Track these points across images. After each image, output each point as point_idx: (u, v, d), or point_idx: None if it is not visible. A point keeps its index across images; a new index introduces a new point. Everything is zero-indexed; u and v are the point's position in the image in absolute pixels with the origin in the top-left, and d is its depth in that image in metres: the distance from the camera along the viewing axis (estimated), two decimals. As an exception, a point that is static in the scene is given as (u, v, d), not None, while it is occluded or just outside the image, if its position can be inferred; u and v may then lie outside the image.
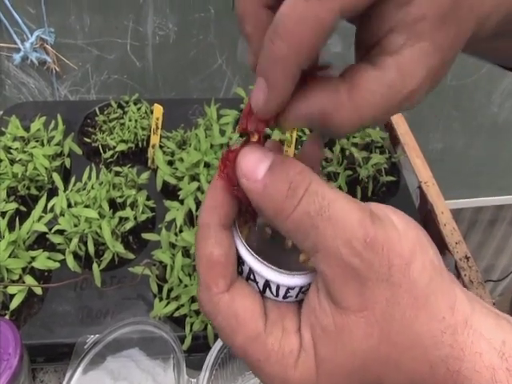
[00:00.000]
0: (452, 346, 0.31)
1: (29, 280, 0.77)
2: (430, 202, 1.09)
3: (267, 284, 0.35)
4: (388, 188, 1.04)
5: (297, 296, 0.36)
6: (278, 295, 0.36)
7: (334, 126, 0.34)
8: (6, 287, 0.74)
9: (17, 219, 0.81)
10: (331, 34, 0.31)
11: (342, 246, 0.31)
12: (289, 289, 0.35)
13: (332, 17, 0.30)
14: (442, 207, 1.09)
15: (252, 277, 0.36)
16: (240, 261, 0.36)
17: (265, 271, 0.35)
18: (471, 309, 0.33)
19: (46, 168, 0.91)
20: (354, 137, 1.07)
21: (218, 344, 0.72)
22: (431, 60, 0.34)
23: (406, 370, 0.32)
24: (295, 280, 0.35)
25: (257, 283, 0.36)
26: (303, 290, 0.36)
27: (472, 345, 0.31)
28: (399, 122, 1.26)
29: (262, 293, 0.36)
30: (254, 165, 0.33)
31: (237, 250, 0.36)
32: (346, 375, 0.33)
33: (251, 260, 0.35)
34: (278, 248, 0.38)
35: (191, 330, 0.76)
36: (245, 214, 0.37)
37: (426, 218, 1.07)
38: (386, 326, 0.32)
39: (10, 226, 0.81)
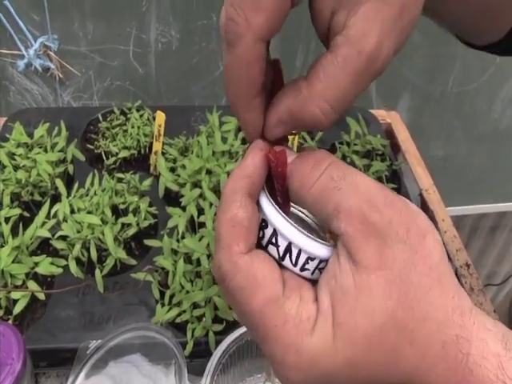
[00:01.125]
0: (462, 327, 0.32)
1: (32, 285, 0.77)
2: (431, 210, 1.10)
3: (288, 248, 0.36)
4: (389, 195, 1.05)
5: (313, 272, 0.36)
6: (296, 264, 0.36)
7: (308, 120, 0.36)
8: (9, 292, 0.75)
9: (20, 225, 0.82)
10: (264, 55, 0.34)
11: (363, 203, 0.33)
12: (309, 258, 0.36)
13: (251, 51, 0.33)
14: (443, 215, 1.10)
15: (274, 240, 0.36)
16: (263, 224, 0.36)
17: (290, 231, 0.35)
18: (472, 304, 0.34)
19: (49, 174, 0.91)
20: (355, 144, 1.07)
21: (220, 350, 0.72)
22: (381, 13, 0.33)
23: (420, 345, 0.32)
24: (317, 248, 0.35)
25: (278, 247, 0.36)
26: (320, 267, 0.36)
27: (478, 332, 0.32)
28: (400, 129, 1.26)
29: (281, 259, 0.36)
30: (285, 153, 0.37)
31: (263, 211, 0.37)
32: (363, 341, 0.32)
33: (278, 218, 0.36)
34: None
35: (193, 336, 0.77)
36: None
37: (426, 225, 1.07)
38: (403, 288, 0.32)
39: (14, 232, 0.81)
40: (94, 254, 0.82)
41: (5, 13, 1.16)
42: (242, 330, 0.72)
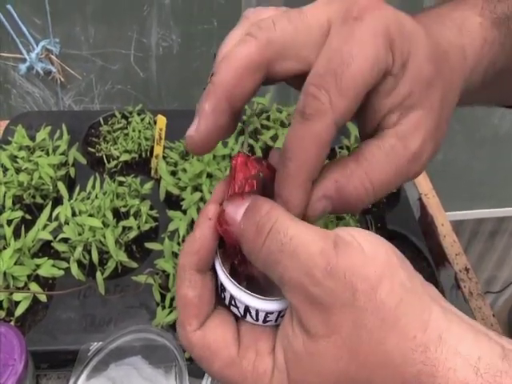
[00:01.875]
0: (424, 362, 0.32)
1: (34, 287, 0.78)
2: (431, 214, 1.10)
3: (247, 309, 0.38)
4: (388, 200, 1.05)
5: (276, 320, 0.38)
6: (257, 319, 0.38)
7: (349, 196, 0.37)
8: (11, 294, 0.75)
9: (22, 227, 0.83)
10: (330, 145, 0.36)
11: (303, 276, 0.33)
12: (267, 313, 0.38)
13: (328, 130, 0.35)
14: (443, 219, 1.10)
15: (233, 302, 0.38)
16: (222, 288, 0.39)
17: (244, 297, 0.37)
18: (448, 325, 0.33)
19: (50, 177, 0.92)
20: (354, 149, 1.08)
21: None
22: (426, 122, 0.38)
23: None
24: (273, 305, 0.37)
25: (238, 308, 0.38)
26: (282, 315, 0.38)
27: (446, 361, 0.32)
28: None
29: (243, 317, 0.39)
30: (234, 212, 0.37)
31: (219, 278, 0.39)
32: None
33: (231, 287, 0.38)
34: (262, 277, 0.40)
35: (193, 339, 0.77)
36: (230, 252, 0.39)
37: (426, 229, 1.08)
38: (354, 348, 0.33)
39: (16, 234, 0.82)
40: (95, 257, 0.83)
41: (7, 17, 1.16)
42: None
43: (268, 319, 0.38)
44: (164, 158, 1.01)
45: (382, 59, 0.35)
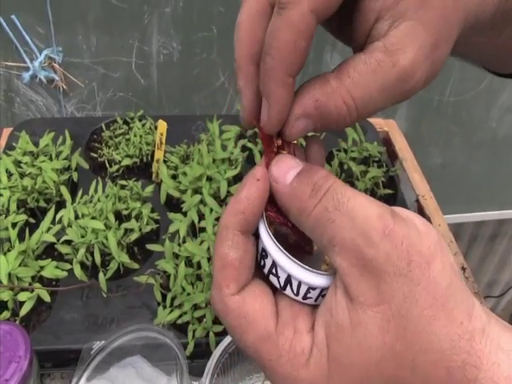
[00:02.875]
0: (469, 352, 0.31)
1: (38, 288, 0.80)
2: (428, 215, 1.12)
3: (288, 280, 0.36)
4: (386, 201, 1.05)
5: (316, 299, 0.36)
6: (298, 294, 0.36)
7: (330, 114, 0.35)
8: (16, 295, 0.77)
9: (27, 230, 0.85)
10: (312, 35, 0.34)
11: (358, 236, 0.32)
12: (310, 288, 0.35)
13: (304, 19, 0.33)
14: (440, 220, 1.12)
15: (274, 271, 0.36)
16: (263, 253, 0.36)
17: (288, 265, 0.35)
18: (488, 319, 0.33)
19: (54, 181, 0.94)
20: (352, 151, 1.10)
21: (219, 350, 0.74)
22: (420, 38, 0.35)
23: (422, 374, 0.32)
24: (318, 279, 0.35)
25: (278, 278, 0.36)
26: (323, 294, 0.35)
27: (490, 355, 0.31)
28: (397, 137, 1.29)
29: (283, 289, 0.36)
30: (285, 171, 0.36)
31: (262, 241, 0.36)
32: (360, 375, 0.32)
33: (276, 252, 0.35)
34: (299, 257, 0.36)
35: (193, 337, 0.79)
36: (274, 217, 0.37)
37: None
38: (402, 323, 0.31)
39: (20, 237, 0.84)
40: (97, 258, 0.85)
41: (11, 26, 1.19)
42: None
43: (309, 295, 0.36)
44: (165, 162, 1.03)
45: None
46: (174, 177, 1.01)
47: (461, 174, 1.82)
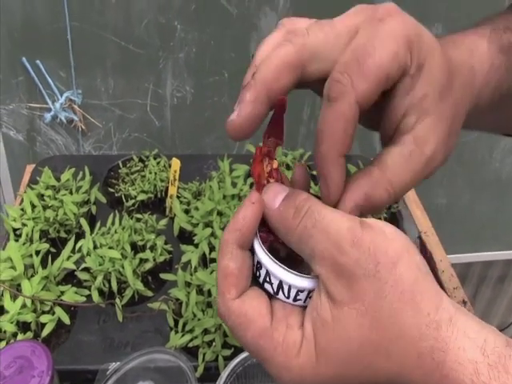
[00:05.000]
0: (437, 339, 0.35)
1: (58, 311, 0.85)
2: (429, 251, 1.16)
3: (280, 285, 0.41)
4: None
5: (305, 300, 0.41)
6: (289, 297, 0.41)
7: (376, 202, 0.42)
8: (38, 317, 0.82)
9: (49, 258, 0.90)
10: (357, 122, 0.40)
11: (331, 247, 0.37)
12: (299, 291, 0.41)
13: (351, 109, 0.39)
14: (441, 255, 1.16)
15: (268, 279, 0.42)
16: (258, 265, 0.42)
17: (279, 272, 0.41)
18: (455, 311, 0.37)
19: (74, 214, 1.00)
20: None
21: (226, 371, 0.78)
22: (439, 129, 0.42)
23: (396, 359, 0.37)
24: (305, 282, 0.40)
25: (271, 285, 0.42)
26: (310, 296, 0.41)
27: (456, 340, 0.35)
28: (399, 176, 1.33)
29: (276, 294, 0.42)
30: (273, 197, 0.42)
31: (257, 255, 0.42)
32: (342, 362, 0.38)
33: (268, 261, 0.41)
34: (291, 266, 0.42)
35: (203, 360, 0.83)
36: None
37: (424, 265, 1.13)
38: (375, 316, 0.36)
39: (43, 264, 0.89)
40: (114, 285, 0.90)
41: (36, 71, 1.26)
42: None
43: (298, 298, 0.41)
44: (178, 197, 1.08)
45: (401, 55, 0.40)
46: (187, 211, 1.06)
47: (466, 213, 1.84)
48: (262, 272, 0.42)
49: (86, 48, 1.27)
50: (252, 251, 0.43)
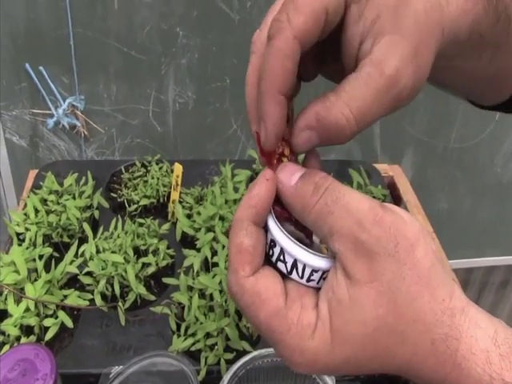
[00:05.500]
0: (451, 326, 0.36)
1: (61, 314, 0.85)
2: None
3: (295, 264, 0.40)
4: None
5: (318, 281, 0.41)
6: (302, 277, 0.41)
7: (331, 126, 0.39)
8: (42, 320, 0.83)
9: (52, 262, 0.91)
10: (297, 58, 0.39)
11: (353, 224, 0.37)
12: (313, 271, 0.40)
13: (289, 44, 0.38)
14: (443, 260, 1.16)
15: (282, 257, 0.41)
16: (272, 244, 0.41)
17: (295, 249, 0.40)
18: (467, 301, 0.37)
19: (77, 218, 1.01)
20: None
21: (228, 376, 0.78)
22: (400, 48, 0.39)
23: (410, 344, 0.36)
24: (320, 262, 0.40)
25: (285, 263, 0.41)
26: (325, 277, 0.40)
27: (468, 329, 0.36)
28: (401, 181, 1.33)
29: (289, 274, 0.41)
30: (290, 174, 0.41)
31: (271, 232, 0.41)
32: (358, 344, 0.37)
33: (284, 239, 0.40)
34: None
35: (205, 364, 0.84)
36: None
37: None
38: (392, 297, 0.36)
39: (46, 268, 0.90)
40: (117, 289, 0.90)
41: (39, 77, 1.27)
42: (250, 355, 0.79)
43: (312, 278, 0.40)
44: (180, 202, 1.09)
45: None
46: (189, 216, 1.07)
47: (467, 219, 1.84)
48: (276, 250, 0.41)
49: (88, 54, 1.28)
50: (265, 229, 0.42)
